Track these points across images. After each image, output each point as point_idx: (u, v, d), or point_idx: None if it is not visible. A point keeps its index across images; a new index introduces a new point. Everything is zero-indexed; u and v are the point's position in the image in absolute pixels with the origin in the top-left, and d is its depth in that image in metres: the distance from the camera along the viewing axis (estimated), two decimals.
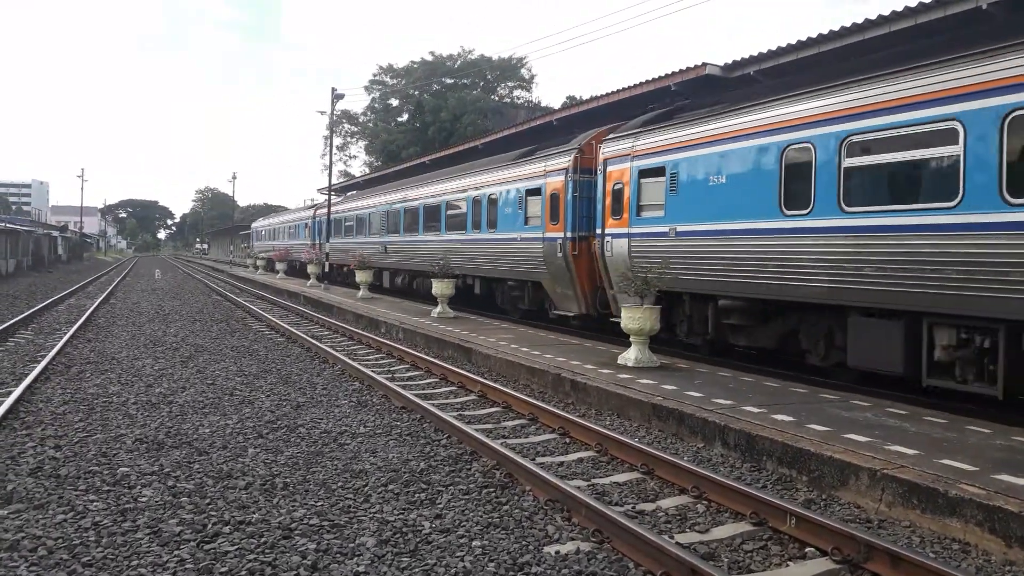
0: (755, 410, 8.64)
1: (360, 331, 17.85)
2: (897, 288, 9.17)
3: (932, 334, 8.95)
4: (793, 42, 13.92)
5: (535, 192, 17.87)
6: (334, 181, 50.25)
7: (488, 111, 54.47)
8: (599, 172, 15.24)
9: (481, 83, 60.67)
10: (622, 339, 12.82)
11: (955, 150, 8.57)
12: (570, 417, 9.01)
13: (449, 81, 59.10)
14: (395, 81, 61.79)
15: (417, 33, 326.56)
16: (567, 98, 55.80)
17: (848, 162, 9.85)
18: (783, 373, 11.49)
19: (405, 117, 61.97)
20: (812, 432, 7.64)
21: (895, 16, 11.94)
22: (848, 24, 12.79)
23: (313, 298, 26.91)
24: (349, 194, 41.16)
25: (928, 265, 8.78)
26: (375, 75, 63.58)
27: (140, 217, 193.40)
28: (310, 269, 36.09)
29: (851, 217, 9.75)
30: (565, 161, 16.94)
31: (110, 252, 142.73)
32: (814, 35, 13.43)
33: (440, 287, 19.92)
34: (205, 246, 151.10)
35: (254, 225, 79.46)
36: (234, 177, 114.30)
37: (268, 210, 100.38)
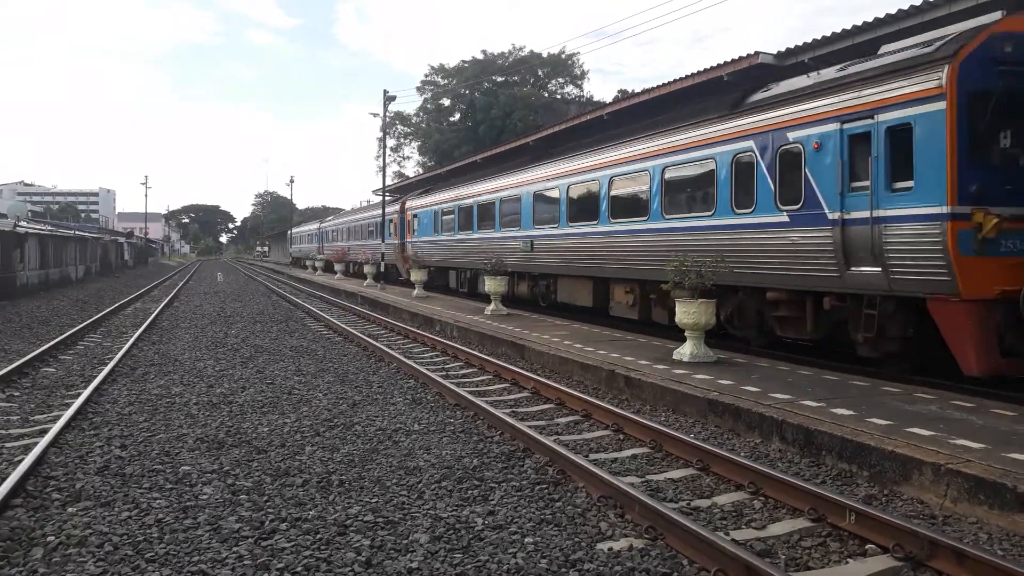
0: (814, 404, 8.47)
1: (415, 329, 18.01)
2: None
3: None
4: (848, 27, 13.59)
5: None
6: (388, 182, 50.80)
7: (539, 107, 54.50)
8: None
9: (532, 80, 60.71)
10: (678, 335, 12.70)
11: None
12: (624, 413, 8.95)
13: (500, 79, 59.27)
14: (446, 81, 62.22)
15: (469, 31, 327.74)
16: (619, 92, 55.54)
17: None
18: (843, 366, 11.24)
19: (457, 117, 62.34)
20: (873, 426, 7.46)
21: None
22: (906, 6, 12.45)
23: (370, 298, 27.25)
24: (419, 190, 40.85)
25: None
26: (427, 76, 64.13)
27: (202, 222, 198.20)
28: (367, 269, 36.59)
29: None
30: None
31: (173, 256, 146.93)
32: (870, 19, 13.08)
33: (492, 284, 19.97)
34: (265, 249, 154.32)
35: (295, 230, 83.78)
36: (291, 181, 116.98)
37: (325, 212, 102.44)
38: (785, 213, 11.51)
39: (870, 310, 10.25)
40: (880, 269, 9.88)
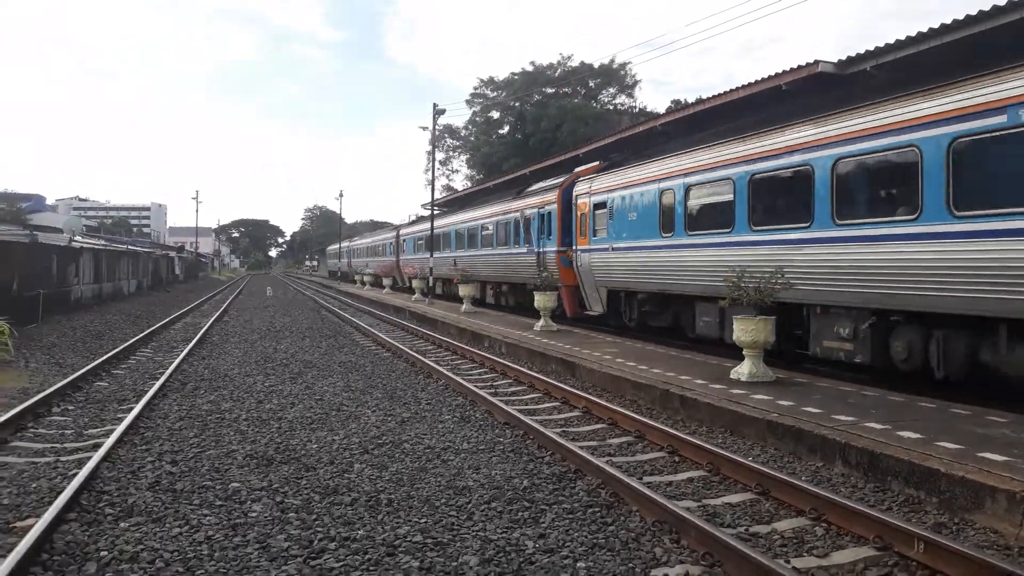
0: (879, 427, 8.28)
1: (463, 345, 18.08)
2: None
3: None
4: (913, 34, 13.34)
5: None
6: (437, 196, 51.50)
7: (589, 118, 54.50)
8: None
9: (583, 91, 60.77)
10: (735, 353, 12.54)
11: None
12: (679, 434, 8.85)
13: (550, 90, 59.44)
14: (496, 93, 62.62)
15: (518, 42, 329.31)
16: (672, 103, 55.22)
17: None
18: (909, 387, 10.96)
19: (506, 129, 62.67)
20: (942, 450, 7.26)
21: None
22: (975, 12, 12.18)
23: (418, 313, 27.45)
24: (465, 205, 41.96)
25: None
26: (476, 88, 64.60)
27: (252, 236, 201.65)
28: (415, 284, 36.94)
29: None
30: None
31: (224, 271, 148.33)
32: (936, 26, 12.84)
33: (541, 300, 19.98)
34: (315, 263, 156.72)
35: (340, 245, 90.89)
36: (340, 195, 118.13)
37: (374, 226, 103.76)
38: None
39: None
40: None
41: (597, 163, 25.39)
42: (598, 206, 21.96)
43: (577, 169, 26.25)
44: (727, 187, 14.72)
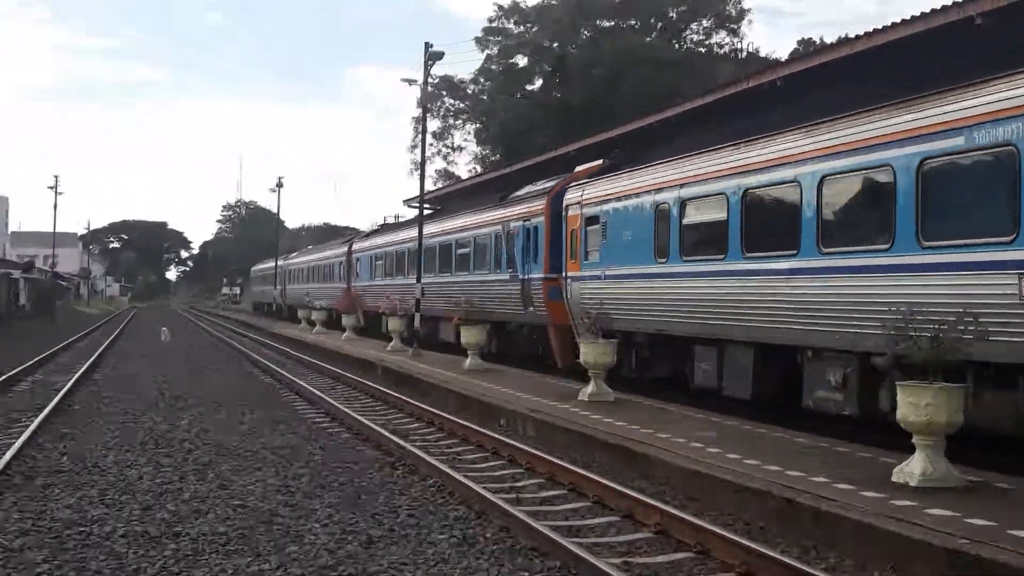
0: None
1: (466, 423, 17.99)
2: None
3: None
4: None
5: None
6: (433, 188, 51.32)
7: (667, 65, 54.09)
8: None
9: (658, 24, 60.70)
10: (900, 438, 12.38)
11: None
12: (812, 572, 8.68)
13: (606, 23, 59.35)
14: (522, 28, 62.57)
15: None
16: (798, 44, 55.26)
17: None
18: None
19: (537, 84, 62.65)
20: None
21: None
22: None
23: (396, 369, 27.46)
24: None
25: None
26: (492, 20, 64.11)
27: (141, 248, 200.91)
28: (391, 325, 37.06)
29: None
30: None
31: (96, 302, 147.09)
32: None
33: (592, 352, 19.89)
34: (235, 290, 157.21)
35: (257, 269, 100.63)
36: (279, 185, 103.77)
37: (328, 235, 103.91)
38: None
39: None
40: None
41: (600, 162, 25.94)
42: (590, 220, 24.07)
43: (577, 168, 26.74)
44: (720, 203, 18.49)
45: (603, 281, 22.98)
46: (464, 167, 68.42)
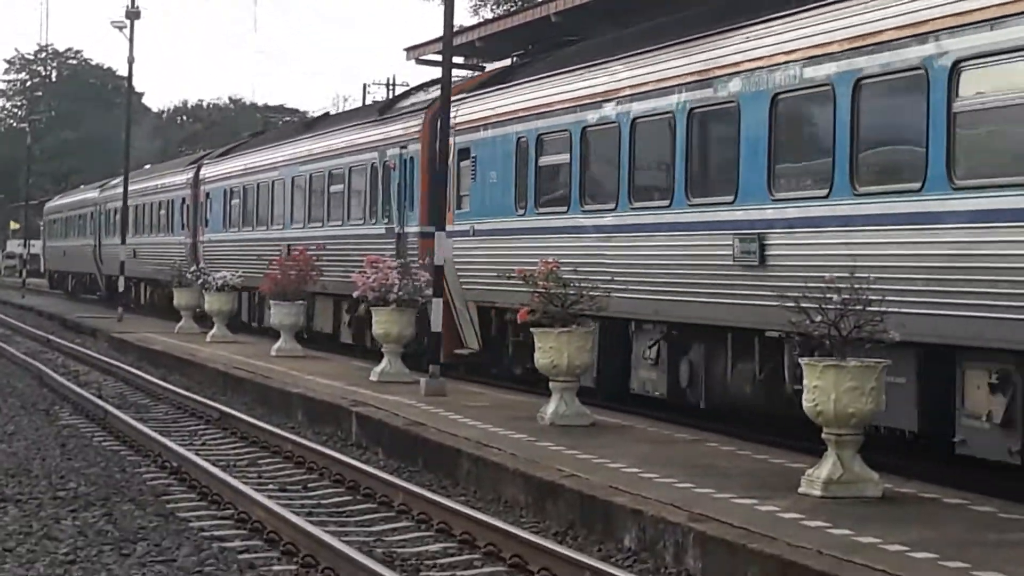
0: None
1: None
2: None
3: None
4: None
5: None
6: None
7: None
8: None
9: None
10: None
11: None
12: None
13: None
14: None
15: None
16: None
17: None
18: None
19: None
20: None
21: None
22: None
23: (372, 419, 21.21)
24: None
25: None
26: None
27: None
28: (378, 329, 26.79)
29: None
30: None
31: None
32: None
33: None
34: (27, 248, 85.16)
35: (62, 202, 67.09)
36: (131, 15, 44.56)
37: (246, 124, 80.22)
38: None
39: None
40: None
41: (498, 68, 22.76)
42: (462, 154, 20.13)
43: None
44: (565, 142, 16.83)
45: (472, 238, 19.62)
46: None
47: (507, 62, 22.36)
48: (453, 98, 19.13)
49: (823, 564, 7.37)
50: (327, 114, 46.56)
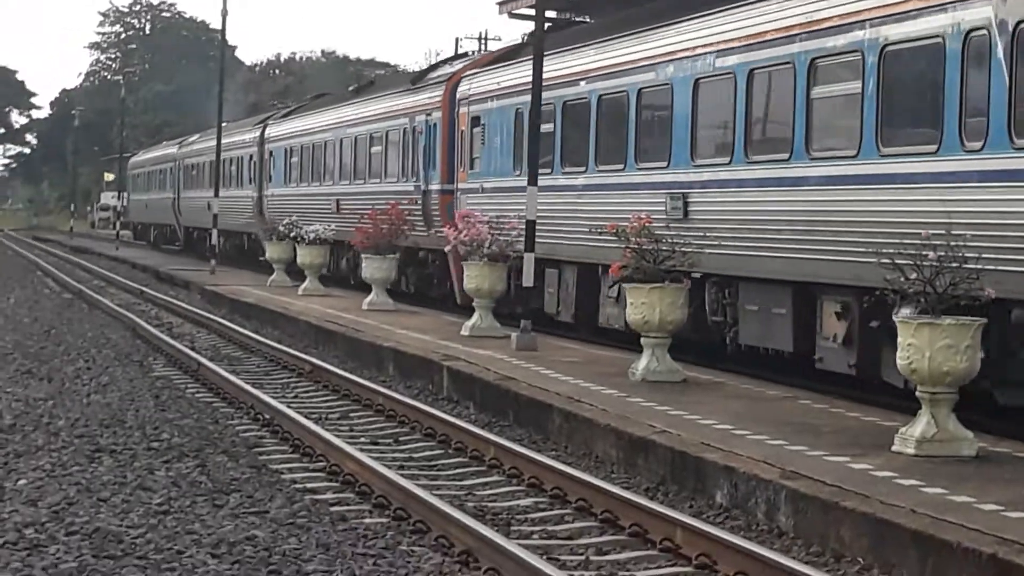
0: None
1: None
2: None
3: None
4: None
5: None
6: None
7: None
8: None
9: None
10: None
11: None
12: None
13: None
14: None
15: None
16: None
17: None
18: None
19: None
20: None
21: None
22: None
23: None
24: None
25: None
26: None
27: None
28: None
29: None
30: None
31: None
32: None
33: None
34: (116, 201, 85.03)
35: (147, 156, 67.80)
36: None
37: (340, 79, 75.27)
38: None
39: None
40: None
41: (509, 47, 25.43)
42: (475, 121, 23.62)
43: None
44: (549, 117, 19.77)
45: (481, 195, 22.78)
46: None
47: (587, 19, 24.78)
48: (467, 72, 23.54)
49: (916, 523, 7.26)
50: (372, 81, 48.17)
